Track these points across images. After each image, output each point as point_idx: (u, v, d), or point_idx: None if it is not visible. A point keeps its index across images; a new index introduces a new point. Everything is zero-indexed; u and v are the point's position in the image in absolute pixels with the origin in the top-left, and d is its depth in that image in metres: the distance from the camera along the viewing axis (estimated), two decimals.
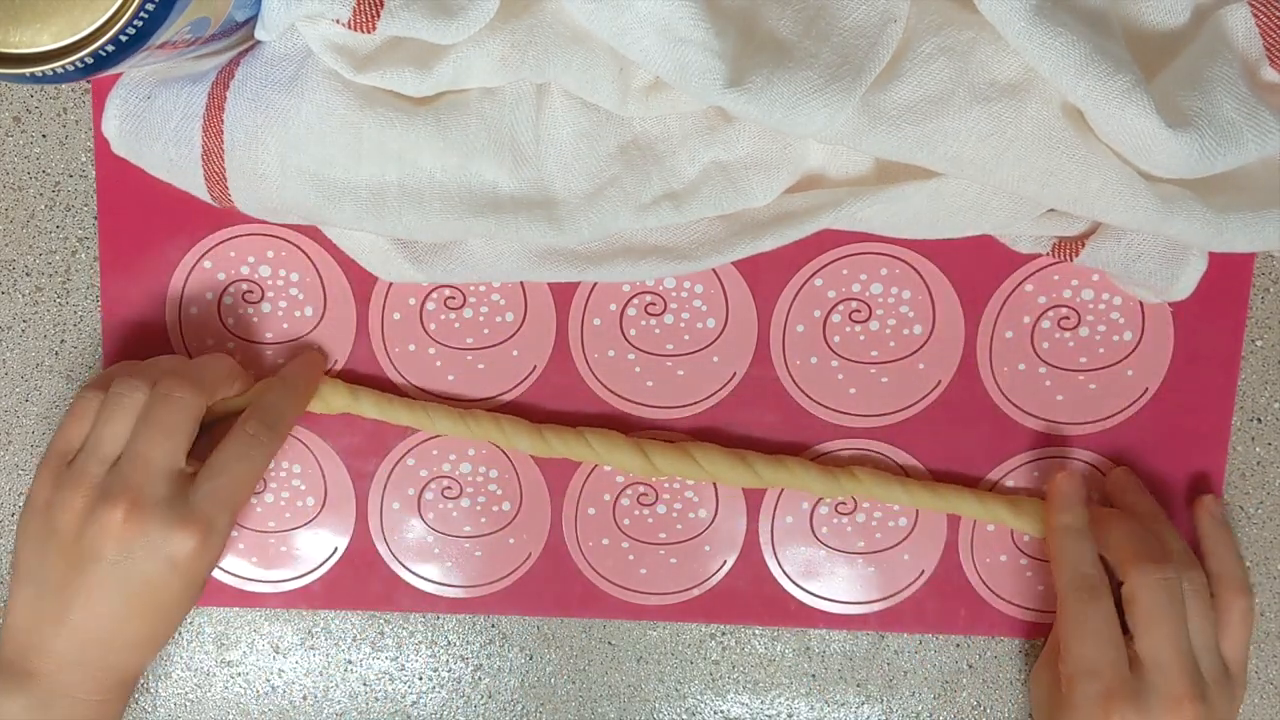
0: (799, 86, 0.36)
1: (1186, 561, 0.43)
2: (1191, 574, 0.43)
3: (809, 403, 0.46)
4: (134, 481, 0.39)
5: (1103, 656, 0.41)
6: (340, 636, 0.48)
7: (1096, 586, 0.42)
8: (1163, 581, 0.41)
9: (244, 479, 0.42)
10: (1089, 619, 0.42)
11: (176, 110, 0.39)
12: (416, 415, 0.45)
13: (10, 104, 0.45)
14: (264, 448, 0.42)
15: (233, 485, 0.41)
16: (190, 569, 0.40)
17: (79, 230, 0.46)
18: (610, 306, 0.46)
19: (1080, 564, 0.43)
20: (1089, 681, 0.41)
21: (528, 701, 0.49)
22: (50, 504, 0.40)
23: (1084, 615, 0.42)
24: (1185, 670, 0.40)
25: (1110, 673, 0.41)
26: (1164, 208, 0.38)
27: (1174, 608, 0.41)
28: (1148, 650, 0.41)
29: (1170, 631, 0.41)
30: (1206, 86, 0.37)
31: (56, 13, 0.30)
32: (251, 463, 0.42)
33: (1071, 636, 0.42)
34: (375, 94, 0.38)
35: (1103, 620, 0.42)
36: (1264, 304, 0.46)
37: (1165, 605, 0.41)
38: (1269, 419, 0.47)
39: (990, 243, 0.45)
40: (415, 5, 0.36)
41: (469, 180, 0.40)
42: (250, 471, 0.42)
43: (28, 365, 0.47)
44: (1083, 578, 0.42)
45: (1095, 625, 0.41)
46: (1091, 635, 0.41)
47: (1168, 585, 0.41)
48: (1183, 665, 0.41)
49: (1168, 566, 0.42)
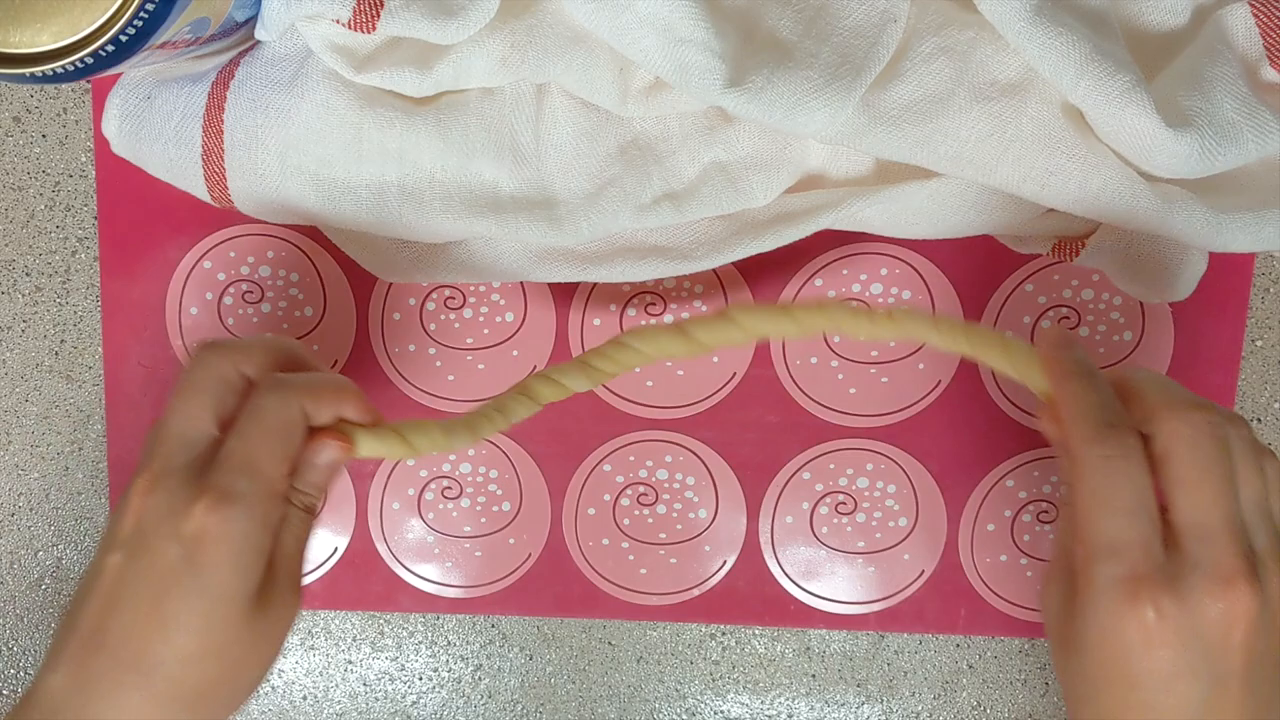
0: (799, 86, 0.36)
1: (1227, 413, 0.34)
2: (1237, 426, 0.33)
3: (809, 403, 0.46)
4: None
5: (1130, 529, 0.31)
6: (340, 636, 0.48)
7: (1125, 437, 0.32)
8: (1209, 427, 0.32)
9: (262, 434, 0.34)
10: (1113, 480, 0.31)
11: (176, 110, 0.39)
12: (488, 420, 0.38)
13: (10, 104, 0.45)
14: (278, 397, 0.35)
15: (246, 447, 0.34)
16: (203, 547, 0.33)
17: (79, 230, 0.46)
18: (610, 306, 0.46)
19: (1099, 408, 0.33)
20: (1110, 562, 0.31)
21: (528, 701, 0.49)
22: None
23: (1107, 476, 0.32)
24: (1236, 541, 0.31)
25: (1139, 551, 0.31)
26: (1164, 208, 0.38)
27: (1222, 463, 0.32)
28: (1189, 516, 0.31)
29: (1218, 493, 0.31)
30: (1206, 86, 0.37)
31: (56, 13, 0.30)
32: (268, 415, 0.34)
33: (1091, 507, 0.32)
34: (375, 94, 0.38)
35: (1130, 482, 0.32)
36: (1264, 304, 0.46)
37: (1212, 459, 0.32)
38: (1269, 419, 0.47)
39: (990, 243, 0.45)
40: (415, 5, 0.36)
41: (469, 180, 0.40)
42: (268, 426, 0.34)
43: (28, 365, 0.47)
44: (1105, 427, 0.32)
45: (1120, 488, 0.31)
46: (1116, 502, 0.31)
47: (1214, 431, 0.32)
48: (1233, 535, 0.31)
49: (1212, 411, 0.32)
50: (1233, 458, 0.32)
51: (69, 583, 0.48)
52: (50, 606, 0.48)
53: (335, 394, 0.35)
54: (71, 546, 0.48)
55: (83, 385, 0.47)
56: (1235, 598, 0.30)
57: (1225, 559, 0.31)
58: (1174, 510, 0.32)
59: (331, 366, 0.46)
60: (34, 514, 0.48)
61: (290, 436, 0.34)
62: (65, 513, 0.48)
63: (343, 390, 0.36)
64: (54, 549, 0.48)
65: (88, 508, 0.47)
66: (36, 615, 0.48)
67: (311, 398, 0.35)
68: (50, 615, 0.48)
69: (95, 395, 0.46)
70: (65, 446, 0.47)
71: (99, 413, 0.47)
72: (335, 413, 0.35)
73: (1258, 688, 0.31)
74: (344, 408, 0.36)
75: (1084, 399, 0.33)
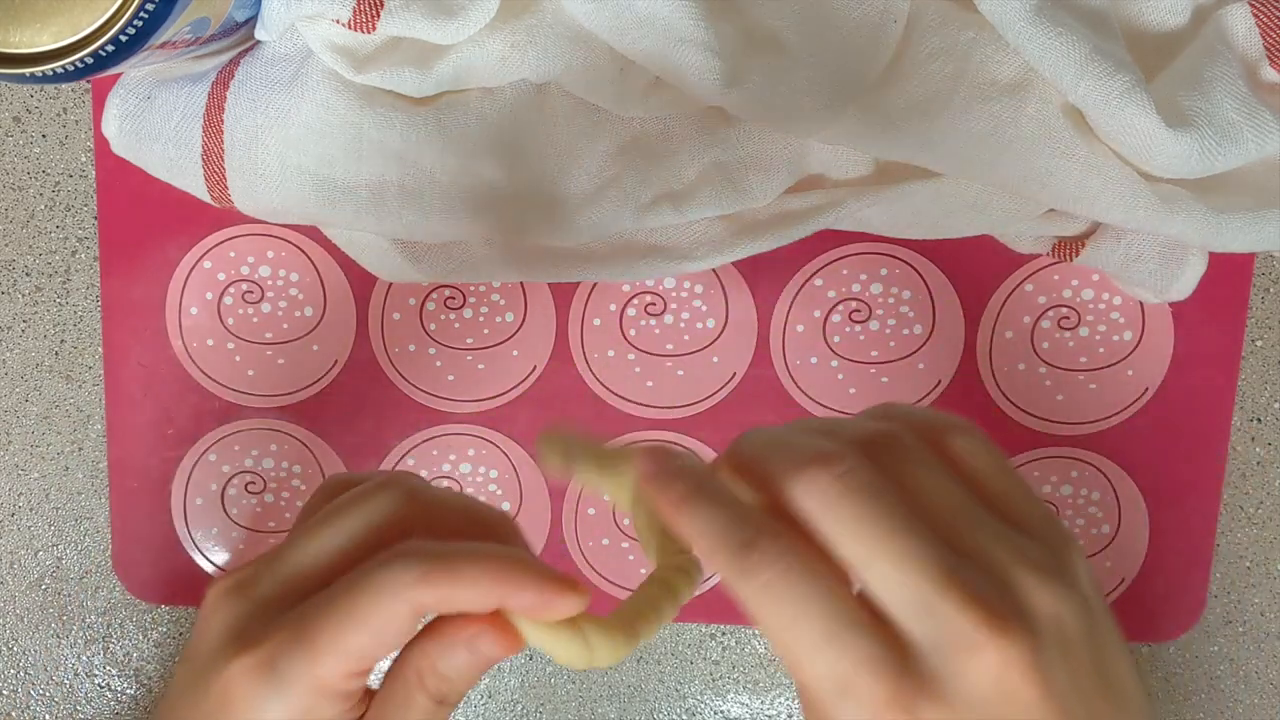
0: (799, 86, 0.36)
1: (862, 431, 0.27)
2: (885, 439, 0.26)
3: (809, 403, 0.46)
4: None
5: (841, 658, 0.24)
6: None
7: (769, 552, 0.25)
8: (832, 481, 0.25)
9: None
10: (785, 611, 0.24)
11: (176, 110, 0.39)
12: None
13: (10, 104, 0.45)
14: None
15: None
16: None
17: (79, 230, 0.46)
18: (610, 306, 0.46)
19: (726, 529, 0.25)
20: (844, 703, 0.24)
21: (528, 701, 0.49)
22: None
23: (778, 608, 0.24)
24: (954, 591, 0.23)
25: (866, 678, 0.24)
26: (1164, 208, 0.38)
27: (876, 513, 0.24)
28: (888, 596, 0.24)
29: (894, 553, 0.24)
30: (1206, 86, 0.37)
31: (56, 13, 0.30)
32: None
33: (785, 649, 0.25)
34: (375, 94, 0.38)
35: (806, 604, 0.24)
36: (1264, 304, 0.46)
37: (861, 516, 0.24)
38: (1269, 419, 0.47)
39: (990, 243, 0.45)
40: (415, 5, 0.36)
41: (469, 180, 0.40)
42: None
43: (28, 365, 0.47)
44: (741, 551, 0.25)
45: (800, 618, 0.24)
46: (806, 637, 0.24)
47: (843, 483, 0.25)
48: (947, 586, 0.23)
49: (831, 458, 0.25)
50: (901, 479, 0.25)
51: (69, 583, 0.48)
52: (50, 606, 0.48)
53: (484, 579, 0.27)
54: (71, 546, 0.48)
55: (83, 385, 0.47)
56: (994, 659, 0.23)
57: (955, 621, 0.23)
58: (869, 594, 0.25)
59: (331, 366, 0.46)
60: (34, 514, 0.48)
61: (377, 632, 0.26)
62: (65, 513, 0.48)
63: (503, 576, 0.27)
64: (54, 549, 0.48)
65: (88, 508, 0.47)
66: (36, 615, 0.48)
67: (436, 585, 0.26)
68: (50, 615, 0.48)
69: (95, 395, 0.46)
70: (65, 446, 0.47)
71: (99, 413, 0.47)
72: (486, 601, 0.27)
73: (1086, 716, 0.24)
74: (506, 594, 0.27)
75: (704, 526, 0.26)
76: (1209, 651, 0.49)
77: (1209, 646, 0.49)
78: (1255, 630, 0.48)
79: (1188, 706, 0.49)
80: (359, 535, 0.28)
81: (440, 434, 0.46)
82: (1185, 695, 0.49)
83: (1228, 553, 0.48)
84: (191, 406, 0.46)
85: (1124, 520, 0.47)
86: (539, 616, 0.27)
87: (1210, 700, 0.49)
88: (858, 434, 0.26)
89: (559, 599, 0.27)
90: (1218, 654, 0.49)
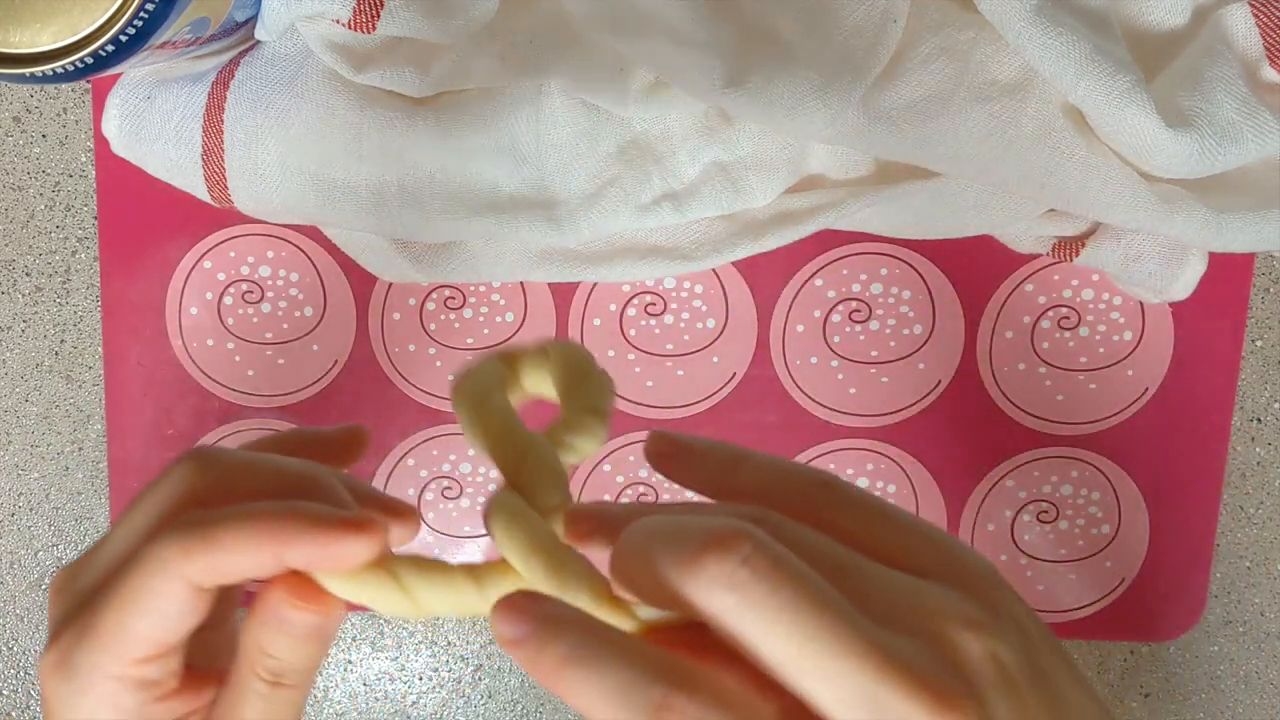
0: (799, 86, 0.36)
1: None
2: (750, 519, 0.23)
3: (809, 403, 0.46)
4: None
5: None
6: (340, 636, 0.48)
7: (686, 697, 0.21)
8: (743, 565, 0.21)
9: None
10: None
11: (176, 110, 0.39)
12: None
13: (10, 104, 0.45)
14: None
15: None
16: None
17: (79, 230, 0.46)
18: (610, 306, 0.46)
19: (633, 692, 0.21)
20: None
21: (528, 701, 0.49)
22: None
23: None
24: (890, 675, 0.20)
25: None
26: (1164, 208, 0.38)
27: (795, 585, 0.21)
28: (821, 694, 0.21)
29: (826, 632, 0.21)
30: (1206, 86, 0.37)
31: (56, 13, 0.30)
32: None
33: None
34: (375, 94, 0.38)
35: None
36: (1264, 304, 0.46)
37: (781, 596, 0.21)
38: (1269, 419, 0.47)
39: (990, 243, 0.45)
40: (415, 5, 0.36)
41: (469, 180, 0.40)
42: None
43: (28, 365, 0.47)
44: (654, 710, 0.21)
45: None
46: None
47: (753, 563, 0.21)
48: (883, 671, 0.20)
49: (732, 536, 0.21)
50: (799, 552, 0.22)
51: None
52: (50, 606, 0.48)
53: (247, 541, 0.24)
54: (71, 546, 0.48)
55: (83, 385, 0.47)
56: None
57: (902, 710, 0.20)
58: (797, 694, 0.21)
59: (331, 366, 0.46)
60: (34, 514, 0.48)
61: (155, 614, 0.24)
62: (65, 513, 0.48)
63: (270, 532, 0.24)
64: (54, 549, 0.48)
65: (88, 508, 0.47)
66: (36, 615, 0.48)
67: (195, 556, 0.24)
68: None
69: (95, 395, 0.46)
70: (65, 446, 0.47)
71: (99, 413, 0.47)
72: (259, 564, 0.24)
73: None
74: (279, 551, 0.24)
75: (598, 694, 0.21)
76: (1209, 651, 0.49)
77: (1209, 646, 0.49)
78: (1255, 630, 0.48)
79: (1188, 706, 0.49)
80: (155, 515, 0.26)
81: (440, 434, 0.46)
82: (1185, 695, 0.49)
83: (1228, 553, 0.48)
84: (191, 406, 0.46)
85: (1124, 520, 0.47)
86: (327, 569, 0.25)
87: (1210, 700, 0.49)
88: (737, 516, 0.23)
89: (340, 544, 0.24)
90: (1218, 654, 0.49)
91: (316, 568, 0.25)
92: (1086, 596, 0.47)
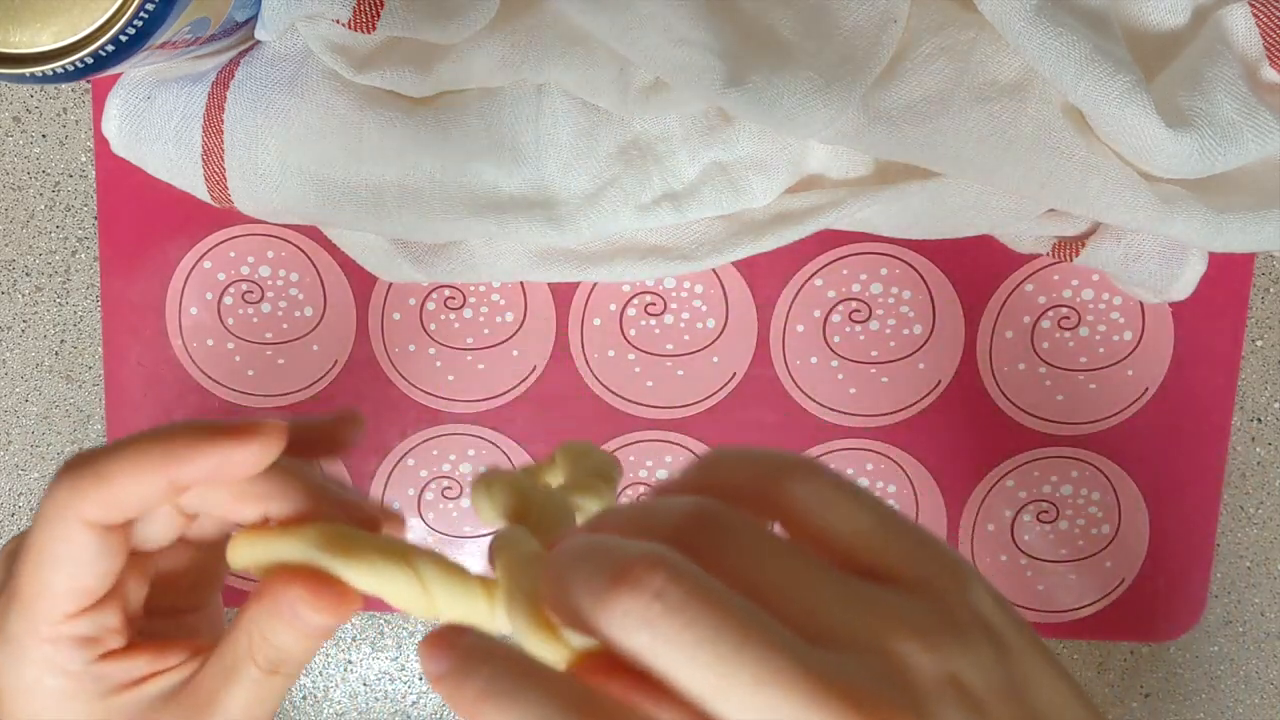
0: (799, 86, 0.36)
1: (670, 514, 0.22)
2: (693, 523, 0.21)
3: (809, 403, 0.46)
4: None
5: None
6: (340, 636, 0.48)
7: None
8: (655, 601, 0.19)
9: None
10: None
11: (176, 110, 0.39)
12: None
13: (10, 104, 0.45)
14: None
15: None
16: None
17: (79, 230, 0.46)
18: (610, 306, 0.46)
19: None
20: None
21: None
22: None
23: None
24: (819, 698, 0.19)
25: None
26: (1164, 208, 0.38)
27: (713, 615, 0.19)
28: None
29: (749, 660, 0.19)
30: (1206, 86, 0.37)
31: (56, 13, 0.30)
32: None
33: None
34: (375, 94, 0.38)
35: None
36: (1264, 304, 0.46)
37: (697, 630, 0.19)
38: (1269, 419, 0.47)
39: (990, 243, 0.45)
40: (415, 5, 0.36)
41: (469, 180, 0.40)
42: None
43: (28, 365, 0.47)
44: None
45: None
46: None
47: (666, 598, 0.19)
48: (812, 694, 0.19)
49: (642, 570, 0.20)
50: (732, 570, 0.21)
51: None
52: None
53: (137, 467, 0.23)
54: None
55: (83, 385, 0.47)
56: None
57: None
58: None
59: (331, 367, 0.46)
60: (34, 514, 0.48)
61: (67, 562, 0.24)
62: None
63: (160, 453, 0.23)
64: None
65: None
66: None
67: (87, 493, 0.23)
68: None
69: (95, 395, 0.46)
70: (65, 446, 0.47)
71: (99, 413, 0.47)
72: (155, 491, 0.24)
73: None
74: (173, 472, 0.23)
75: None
76: (1209, 651, 0.49)
77: (1209, 646, 0.49)
78: (1255, 630, 0.48)
79: (1188, 706, 0.49)
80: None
81: (440, 434, 0.46)
82: (1185, 695, 0.49)
83: (1228, 553, 0.48)
84: (191, 406, 0.46)
85: (1124, 520, 0.47)
86: (224, 480, 0.24)
87: (1210, 700, 0.49)
88: (670, 520, 0.21)
89: (231, 451, 0.23)
90: (1218, 654, 0.49)
91: (213, 481, 0.24)
92: (1086, 597, 0.47)
